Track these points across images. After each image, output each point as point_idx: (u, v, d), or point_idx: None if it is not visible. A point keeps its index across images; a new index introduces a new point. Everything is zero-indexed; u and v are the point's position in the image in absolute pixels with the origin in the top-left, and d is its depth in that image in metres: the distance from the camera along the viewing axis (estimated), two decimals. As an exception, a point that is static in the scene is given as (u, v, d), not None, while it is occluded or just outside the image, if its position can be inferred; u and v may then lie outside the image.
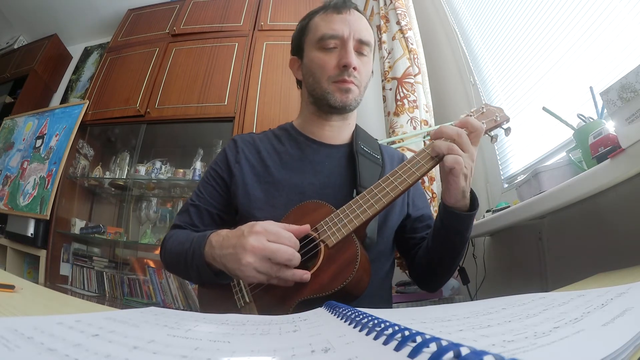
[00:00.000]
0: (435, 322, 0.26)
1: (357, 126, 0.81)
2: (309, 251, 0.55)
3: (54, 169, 1.92)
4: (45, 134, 2.09)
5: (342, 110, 0.72)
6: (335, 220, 0.56)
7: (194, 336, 0.23)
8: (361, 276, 0.52)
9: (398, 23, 1.61)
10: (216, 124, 1.89)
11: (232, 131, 1.78)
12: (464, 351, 0.14)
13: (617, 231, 0.73)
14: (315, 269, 0.52)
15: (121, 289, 1.78)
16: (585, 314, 0.23)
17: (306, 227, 0.54)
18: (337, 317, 0.30)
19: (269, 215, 0.65)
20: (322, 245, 0.54)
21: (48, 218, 1.83)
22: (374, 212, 0.54)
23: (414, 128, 1.42)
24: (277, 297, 0.53)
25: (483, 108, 0.67)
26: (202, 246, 0.58)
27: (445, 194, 0.59)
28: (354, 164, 0.71)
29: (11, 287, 0.43)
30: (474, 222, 0.75)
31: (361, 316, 0.26)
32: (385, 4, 1.75)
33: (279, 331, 0.27)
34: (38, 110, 2.27)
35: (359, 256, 0.52)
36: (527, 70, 1.21)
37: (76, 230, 1.93)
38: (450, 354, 0.14)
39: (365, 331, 0.22)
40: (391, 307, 0.81)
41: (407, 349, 0.16)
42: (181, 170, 1.96)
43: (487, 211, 1.06)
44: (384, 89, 1.62)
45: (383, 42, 1.68)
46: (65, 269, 1.90)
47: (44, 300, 0.46)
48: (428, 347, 0.16)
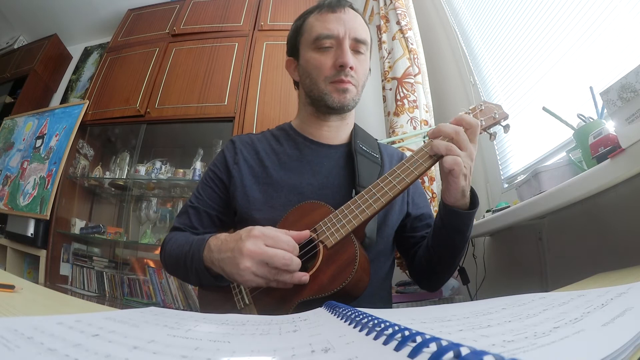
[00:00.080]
0: (435, 322, 0.26)
1: (355, 125, 0.80)
2: (307, 252, 0.55)
3: (54, 169, 1.92)
4: (45, 134, 2.09)
5: (340, 111, 0.72)
6: (334, 221, 0.55)
7: (194, 336, 0.23)
8: (360, 277, 0.52)
9: (398, 23, 1.61)
10: (216, 124, 1.89)
11: (232, 131, 1.78)
12: (464, 351, 0.14)
13: (617, 231, 0.73)
14: (314, 270, 0.52)
15: (121, 289, 1.78)
16: (585, 314, 0.23)
17: (306, 233, 0.54)
18: (337, 317, 0.30)
19: (268, 216, 0.64)
20: (320, 246, 0.54)
21: (48, 218, 1.83)
22: (372, 213, 0.54)
23: (414, 128, 1.42)
24: (276, 299, 0.53)
25: (481, 105, 0.66)
26: (201, 250, 0.58)
27: (444, 194, 0.59)
28: (353, 163, 0.70)
29: (11, 287, 0.43)
30: (474, 222, 0.75)
31: (361, 316, 0.26)
32: (385, 4, 1.75)
33: (279, 331, 0.27)
34: (38, 110, 2.27)
35: (358, 257, 0.51)
36: (527, 70, 1.21)
37: (76, 230, 1.93)
38: (450, 354, 0.14)
39: (365, 331, 0.22)
40: (391, 307, 0.81)
41: (407, 349, 0.16)
42: (181, 170, 1.96)
43: (487, 211, 1.06)
44: (384, 89, 1.62)
45: (383, 42, 1.68)
46: (65, 269, 1.90)
47: (44, 300, 0.46)
48: (428, 347, 0.16)
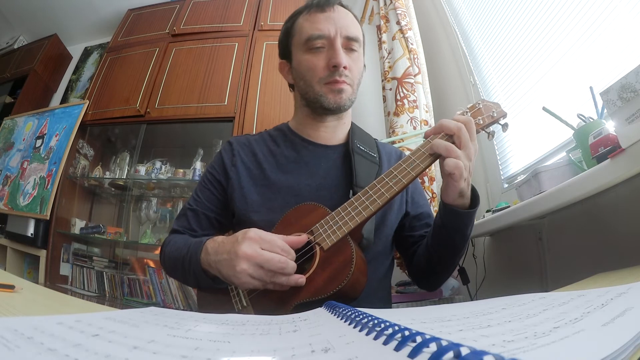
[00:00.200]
0: (435, 322, 0.26)
1: (353, 124, 0.80)
2: (304, 254, 0.55)
3: (54, 169, 1.92)
4: (45, 134, 2.09)
5: (336, 111, 0.72)
6: (331, 222, 0.55)
7: (194, 336, 0.23)
8: (357, 278, 0.52)
9: (398, 23, 1.61)
10: (216, 124, 1.89)
11: (232, 131, 1.78)
12: (464, 351, 0.14)
13: (617, 231, 0.73)
14: (310, 272, 0.52)
15: (121, 289, 1.78)
16: (585, 314, 0.23)
17: (303, 238, 0.53)
18: (337, 317, 0.30)
19: (265, 217, 0.64)
20: (317, 248, 0.54)
21: (48, 218, 1.83)
22: (369, 214, 0.54)
23: (414, 128, 1.42)
24: (274, 301, 0.53)
25: (479, 104, 0.65)
26: (199, 253, 0.58)
27: (444, 194, 0.59)
28: (350, 163, 0.70)
29: (11, 287, 0.43)
30: (474, 221, 0.75)
31: (361, 316, 0.26)
32: (385, 4, 1.75)
33: (279, 331, 0.27)
34: (38, 110, 2.27)
35: (354, 259, 0.51)
36: (527, 70, 1.21)
37: (76, 230, 1.93)
38: (450, 354, 0.14)
39: (365, 331, 0.22)
40: (391, 307, 0.80)
41: (407, 349, 0.16)
42: (181, 170, 1.96)
43: (487, 211, 1.06)
44: (384, 89, 1.62)
45: (383, 42, 1.68)
46: (65, 269, 1.89)
47: (44, 300, 0.46)
48: (428, 347, 0.16)
